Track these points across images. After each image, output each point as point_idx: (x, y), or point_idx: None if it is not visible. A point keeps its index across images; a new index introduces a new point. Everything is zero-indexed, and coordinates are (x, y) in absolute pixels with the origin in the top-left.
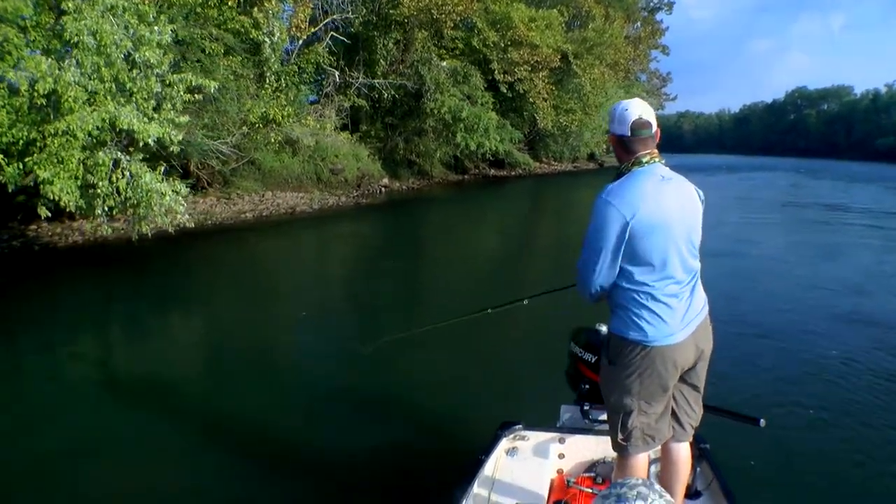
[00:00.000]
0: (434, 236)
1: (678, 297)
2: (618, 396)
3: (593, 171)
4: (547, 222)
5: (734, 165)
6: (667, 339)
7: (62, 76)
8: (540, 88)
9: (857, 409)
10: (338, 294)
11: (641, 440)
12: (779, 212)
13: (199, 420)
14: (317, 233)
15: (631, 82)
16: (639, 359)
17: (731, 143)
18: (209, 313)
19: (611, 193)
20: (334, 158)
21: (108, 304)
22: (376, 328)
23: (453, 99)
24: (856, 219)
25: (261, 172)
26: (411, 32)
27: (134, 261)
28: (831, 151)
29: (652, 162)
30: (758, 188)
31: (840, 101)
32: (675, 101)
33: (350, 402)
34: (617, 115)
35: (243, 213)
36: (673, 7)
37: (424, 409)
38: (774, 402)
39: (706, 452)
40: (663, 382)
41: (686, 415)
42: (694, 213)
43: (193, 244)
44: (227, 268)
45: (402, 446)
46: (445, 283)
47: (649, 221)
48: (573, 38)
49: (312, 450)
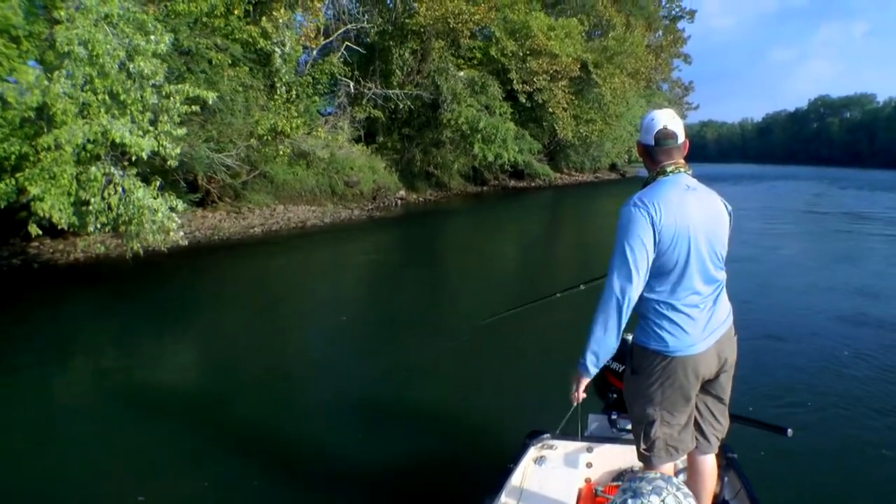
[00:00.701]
0: (449, 249)
1: (700, 308)
2: (640, 406)
3: (615, 181)
4: (568, 233)
5: (757, 174)
6: (688, 350)
7: (51, 88)
8: (559, 98)
9: (888, 421)
10: (347, 308)
11: (664, 451)
12: (805, 221)
13: (210, 433)
14: (326, 247)
15: (652, 91)
16: (660, 369)
17: (754, 153)
18: (213, 329)
19: (638, 198)
20: (349, 171)
21: (106, 323)
22: (390, 340)
23: (471, 109)
24: (883, 228)
25: (273, 186)
26: (428, 42)
27: (135, 278)
28: (854, 160)
29: (677, 172)
30: (782, 197)
31: (863, 109)
32: (697, 111)
33: (375, 412)
34: (644, 124)
35: (252, 228)
36: (695, 16)
37: (452, 418)
38: (802, 411)
39: (733, 462)
40: (685, 392)
41: (711, 426)
42: (718, 224)
43: (198, 260)
44: (232, 284)
45: (429, 454)
46: (459, 294)
47: (672, 230)
48: (593, 48)
49: (336, 459)
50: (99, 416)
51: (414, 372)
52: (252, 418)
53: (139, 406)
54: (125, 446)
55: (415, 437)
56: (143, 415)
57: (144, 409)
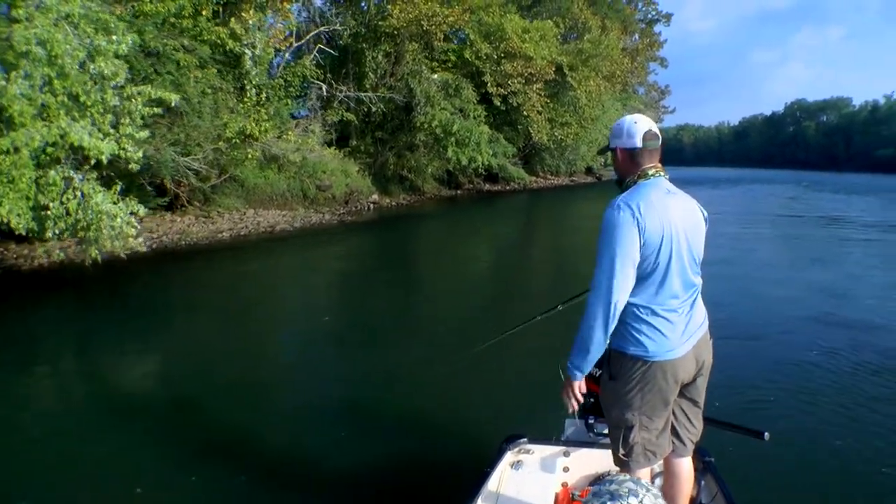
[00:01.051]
0: (421, 253)
1: (678, 312)
2: (619, 411)
3: (590, 184)
4: (541, 236)
5: (734, 178)
6: (668, 354)
7: (7, 89)
8: (534, 101)
9: (863, 422)
10: (317, 314)
11: (643, 455)
12: (780, 225)
13: (184, 439)
14: (294, 252)
15: (628, 95)
16: (640, 374)
17: (730, 156)
18: (178, 336)
19: (624, 202)
20: (321, 175)
21: (70, 329)
22: (363, 345)
23: (444, 112)
24: (859, 233)
25: (244, 190)
26: (401, 45)
27: (99, 284)
28: (831, 163)
29: (657, 175)
30: (758, 201)
31: (839, 113)
32: (673, 114)
33: (350, 416)
34: (626, 128)
35: (220, 233)
36: (671, 19)
37: (428, 423)
38: (779, 415)
39: (710, 466)
40: (664, 397)
41: (686, 430)
42: (696, 228)
43: (164, 266)
44: (197, 290)
45: (406, 459)
46: (431, 299)
47: (656, 233)
48: (568, 50)
49: (311, 463)
50: (65, 422)
51: (389, 377)
52: (222, 423)
53: (105, 413)
54: (90, 454)
55: (391, 442)
56: (108, 422)
57: (109, 416)
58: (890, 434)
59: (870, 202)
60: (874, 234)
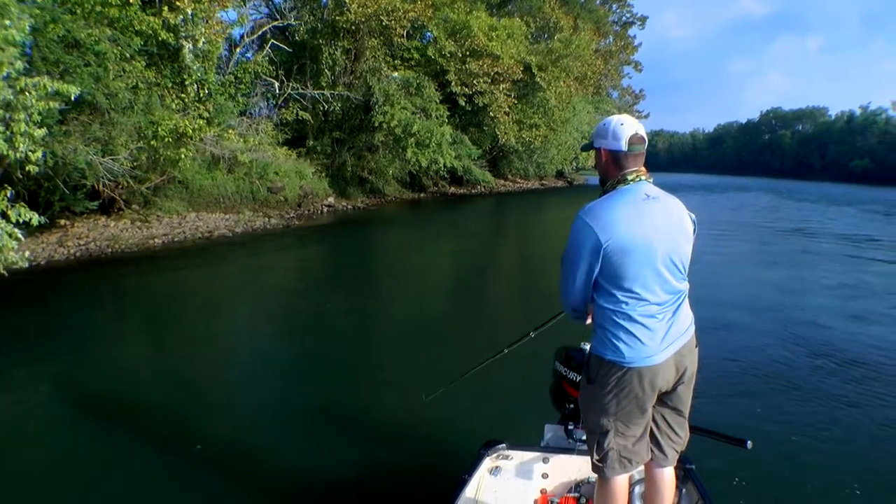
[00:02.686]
0: (365, 262)
1: (657, 318)
2: (595, 416)
3: (561, 189)
4: (504, 246)
5: (708, 185)
6: (644, 361)
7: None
8: (501, 101)
9: (847, 432)
10: (234, 336)
11: (618, 462)
12: (757, 235)
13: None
14: (226, 261)
15: (601, 98)
16: (616, 379)
17: (705, 163)
18: (72, 366)
19: (588, 213)
20: (273, 176)
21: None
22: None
23: (404, 112)
24: (841, 245)
25: (188, 192)
26: (361, 41)
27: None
28: (805, 172)
29: (638, 180)
30: (737, 210)
31: (815, 122)
32: (647, 119)
33: (328, 423)
34: (611, 129)
35: (153, 239)
36: (646, 22)
37: (405, 429)
38: (761, 423)
39: (692, 473)
40: (640, 404)
41: (669, 439)
42: (679, 233)
43: (75, 277)
44: (105, 304)
45: (383, 466)
46: (368, 320)
47: (625, 242)
48: (538, 50)
49: (286, 474)
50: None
51: (367, 383)
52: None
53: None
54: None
55: (366, 449)
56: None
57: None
58: (873, 443)
59: (850, 213)
60: (854, 248)
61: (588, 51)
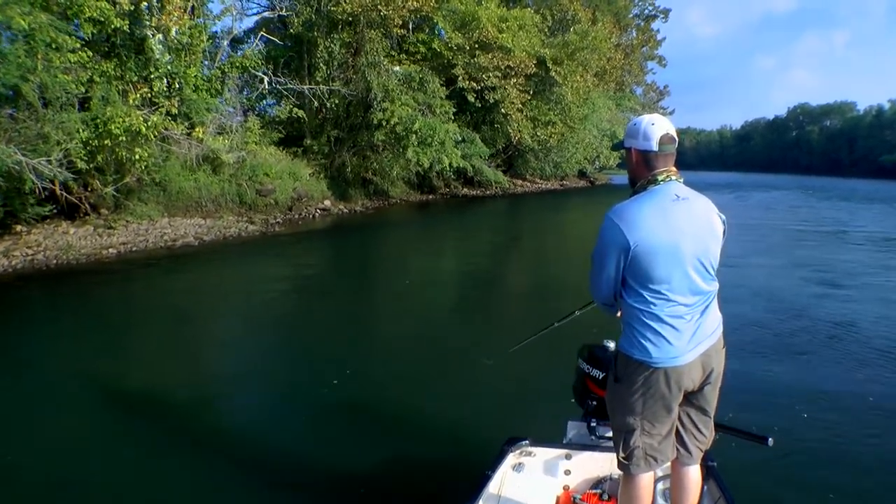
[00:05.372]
0: (335, 277)
1: (685, 319)
2: (621, 415)
3: (582, 189)
4: (506, 253)
5: (735, 183)
6: (672, 361)
7: None
8: (513, 97)
9: (869, 430)
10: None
11: (643, 460)
12: (792, 238)
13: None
14: (172, 277)
15: (624, 94)
16: (643, 378)
17: (732, 161)
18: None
19: (617, 213)
20: (263, 178)
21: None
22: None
23: (405, 108)
24: (876, 247)
25: (166, 194)
26: (361, 34)
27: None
28: (834, 168)
29: (668, 180)
30: (763, 209)
31: (843, 118)
32: (672, 116)
33: (353, 419)
34: (642, 129)
35: (108, 249)
36: (669, 15)
37: (429, 425)
38: (783, 420)
39: (713, 470)
40: (667, 403)
41: (694, 437)
42: (709, 234)
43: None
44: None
45: (406, 461)
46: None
47: (653, 243)
48: (552, 43)
49: (311, 468)
50: None
51: (391, 380)
52: (210, 424)
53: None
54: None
55: (391, 444)
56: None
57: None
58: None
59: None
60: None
61: (606, 44)
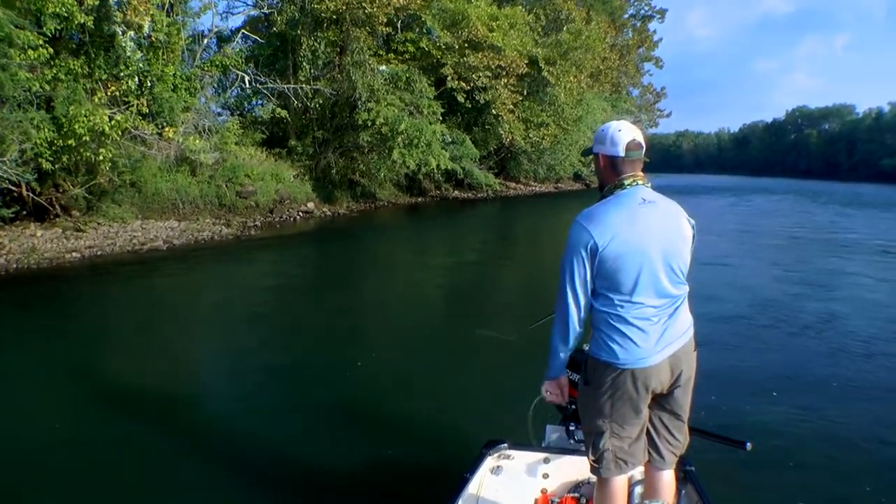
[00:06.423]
0: (304, 287)
1: (651, 321)
2: (591, 417)
3: (577, 192)
4: (498, 262)
5: (732, 187)
6: (639, 363)
7: None
8: (504, 98)
9: (847, 434)
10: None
11: (613, 463)
12: (780, 243)
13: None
14: (135, 282)
15: (620, 96)
16: (610, 380)
17: (730, 164)
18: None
19: (585, 217)
20: (244, 179)
21: None
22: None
23: (391, 108)
24: (872, 254)
25: (141, 196)
26: (346, 32)
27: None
28: (832, 172)
29: (635, 184)
30: (764, 215)
31: (842, 121)
32: (669, 118)
33: (331, 421)
34: (609, 135)
35: (72, 252)
36: (665, 15)
37: (407, 428)
38: (761, 425)
39: (691, 475)
40: (635, 405)
41: (666, 442)
42: (676, 237)
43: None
44: None
45: (385, 464)
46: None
47: (620, 246)
48: (545, 42)
49: (288, 470)
50: None
51: (369, 381)
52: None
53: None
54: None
55: (368, 446)
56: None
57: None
58: (878, 447)
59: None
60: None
61: (601, 44)
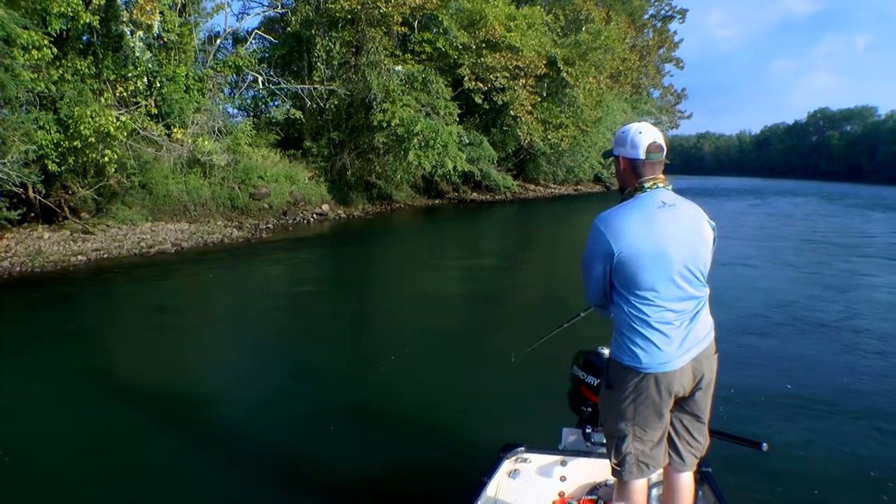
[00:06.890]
0: (307, 294)
1: (674, 325)
2: (613, 421)
3: (597, 194)
4: (512, 260)
5: (753, 189)
6: (661, 367)
7: None
8: (523, 99)
9: (865, 433)
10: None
11: (636, 466)
12: (800, 245)
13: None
14: (137, 289)
15: (640, 97)
16: (633, 384)
17: (751, 166)
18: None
19: (602, 220)
20: (258, 181)
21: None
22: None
23: (407, 109)
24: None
25: (153, 198)
26: (362, 32)
27: None
28: (854, 174)
29: (655, 187)
30: (786, 220)
31: (864, 123)
32: (689, 119)
33: (348, 423)
34: (630, 137)
35: (79, 255)
36: (686, 15)
37: (425, 431)
38: (778, 425)
39: (708, 476)
40: (657, 409)
41: (687, 444)
42: (698, 241)
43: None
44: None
45: (402, 468)
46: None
47: (639, 250)
48: (564, 43)
49: (305, 474)
50: None
51: (387, 386)
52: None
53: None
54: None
55: (386, 450)
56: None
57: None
58: (893, 450)
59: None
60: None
61: (620, 44)
